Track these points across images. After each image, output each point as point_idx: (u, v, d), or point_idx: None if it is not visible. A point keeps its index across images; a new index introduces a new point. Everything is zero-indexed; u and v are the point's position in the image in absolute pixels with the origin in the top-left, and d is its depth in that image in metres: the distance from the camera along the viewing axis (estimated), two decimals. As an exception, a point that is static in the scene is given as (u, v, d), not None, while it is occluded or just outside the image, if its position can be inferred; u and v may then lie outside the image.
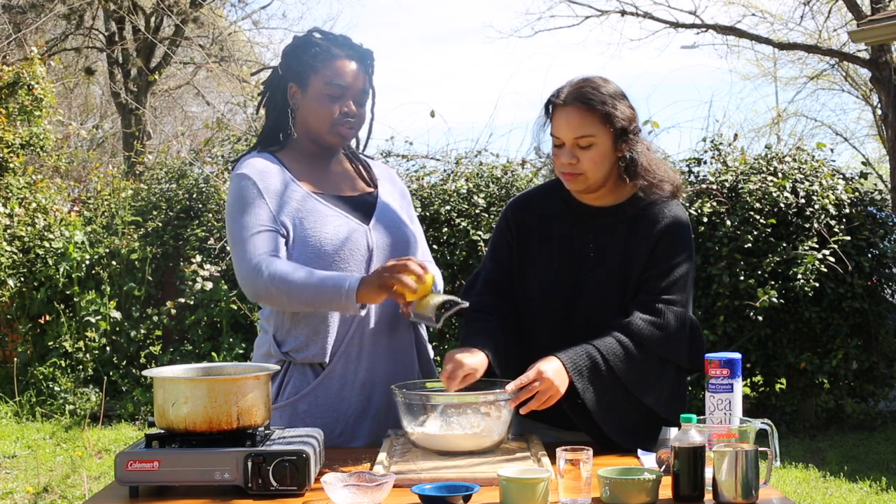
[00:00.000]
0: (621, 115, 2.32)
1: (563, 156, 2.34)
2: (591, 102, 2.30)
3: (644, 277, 2.35)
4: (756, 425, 2.00)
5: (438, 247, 7.04)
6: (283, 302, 2.32)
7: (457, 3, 42.94)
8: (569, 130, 2.32)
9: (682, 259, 2.36)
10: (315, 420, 2.39)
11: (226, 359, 7.22)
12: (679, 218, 2.40)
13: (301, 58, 2.46)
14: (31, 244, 8.22)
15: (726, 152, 7.30)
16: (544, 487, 1.81)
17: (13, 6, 14.34)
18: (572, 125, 2.31)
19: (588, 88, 2.33)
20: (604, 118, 2.30)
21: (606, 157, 2.33)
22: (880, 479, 5.51)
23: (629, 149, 2.34)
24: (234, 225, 2.38)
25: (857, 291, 6.68)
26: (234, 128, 9.38)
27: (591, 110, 2.30)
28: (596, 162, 2.32)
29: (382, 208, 2.52)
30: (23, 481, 5.72)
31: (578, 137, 2.31)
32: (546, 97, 2.39)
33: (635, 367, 2.28)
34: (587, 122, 2.31)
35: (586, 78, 2.37)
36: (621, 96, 2.35)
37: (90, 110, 19.99)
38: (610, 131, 2.31)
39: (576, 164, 2.32)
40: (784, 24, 16.56)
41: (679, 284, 2.35)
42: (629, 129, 2.33)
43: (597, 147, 2.31)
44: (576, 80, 2.36)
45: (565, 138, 2.33)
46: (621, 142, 2.33)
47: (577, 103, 2.31)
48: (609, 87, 2.34)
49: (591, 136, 2.31)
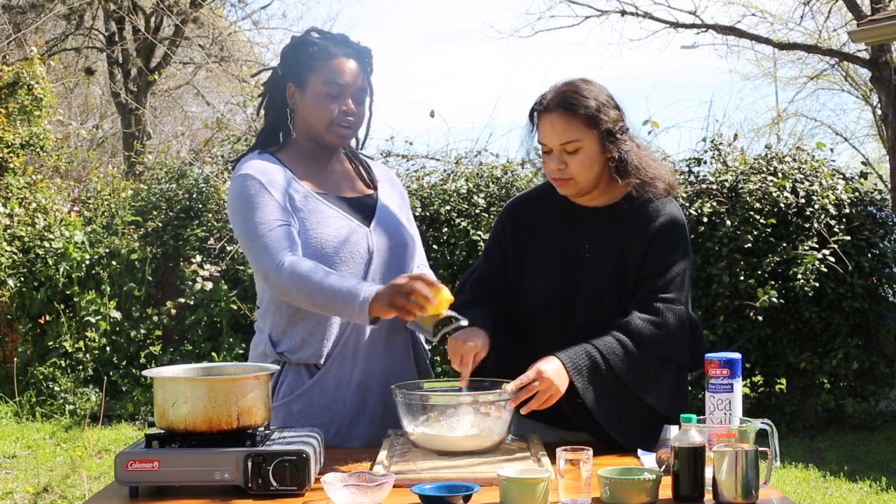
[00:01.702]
0: (606, 116, 2.32)
1: (552, 162, 2.34)
2: (574, 107, 2.30)
3: (640, 276, 2.35)
4: (756, 425, 2.00)
5: (438, 247, 7.04)
6: (303, 302, 2.31)
7: (457, 3, 42.96)
8: (555, 137, 2.32)
9: (678, 256, 2.36)
10: (310, 420, 2.38)
11: (226, 359, 7.22)
12: (673, 215, 2.39)
13: (299, 57, 2.46)
14: (31, 244, 8.22)
15: (726, 152, 7.31)
16: (544, 487, 1.81)
17: (13, 6, 14.33)
18: (557, 131, 2.31)
19: (570, 93, 2.32)
20: (588, 121, 2.30)
21: (595, 160, 2.33)
22: (880, 479, 5.51)
23: (617, 149, 2.34)
24: (247, 224, 2.35)
25: (857, 291, 6.68)
26: (233, 128, 9.38)
27: (574, 115, 2.30)
28: (584, 166, 2.32)
29: (382, 210, 2.51)
30: (23, 481, 5.72)
31: (565, 143, 2.31)
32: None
33: (635, 365, 2.28)
34: (572, 127, 2.30)
35: (568, 82, 2.36)
36: (606, 97, 2.35)
37: (90, 110, 19.99)
38: (596, 134, 2.31)
39: (564, 169, 2.33)
40: (784, 24, 16.57)
41: (676, 282, 2.35)
42: (615, 130, 2.33)
43: (584, 151, 2.31)
44: (559, 86, 2.36)
45: (552, 145, 2.33)
46: (608, 143, 2.33)
47: (560, 109, 2.31)
48: (592, 90, 2.34)
49: (576, 141, 2.31)
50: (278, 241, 2.32)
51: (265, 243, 2.32)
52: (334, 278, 2.26)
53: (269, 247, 2.32)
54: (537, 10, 31.85)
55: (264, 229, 2.33)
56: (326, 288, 2.24)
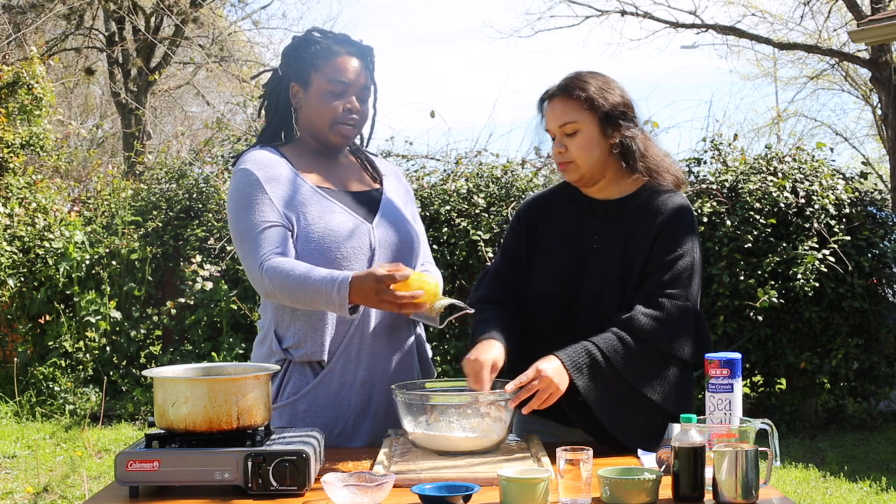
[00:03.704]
0: (604, 100, 2.35)
1: (554, 146, 2.40)
2: (570, 90, 2.37)
3: (646, 271, 2.34)
4: (756, 425, 2.00)
5: (438, 247, 7.04)
6: (286, 300, 2.32)
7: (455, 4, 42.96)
8: (553, 120, 2.39)
9: (685, 251, 2.34)
10: (315, 419, 2.38)
11: (226, 359, 7.22)
12: (681, 209, 2.38)
13: (302, 56, 2.46)
14: (31, 244, 8.22)
15: (726, 152, 7.31)
16: (544, 487, 1.81)
17: (13, 6, 14.33)
18: (556, 114, 2.38)
19: (571, 79, 2.40)
20: (586, 103, 2.35)
21: (594, 143, 2.36)
22: (880, 479, 5.51)
23: (620, 135, 2.36)
24: (239, 222, 2.37)
25: (857, 291, 6.68)
26: (233, 128, 9.38)
27: (571, 97, 2.36)
28: (583, 147, 2.35)
29: (387, 205, 2.51)
30: (23, 481, 5.72)
31: (563, 125, 2.37)
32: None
33: (636, 361, 2.26)
34: (569, 108, 2.36)
35: (575, 72, 2.43)
36: (608, 83, 2.39)
37: (90, 110, 19.99)
38: (594, 116, 2.35)
39: (564, 152, 2.37)
40: (784, 24, 16.58)
41: (683, 278, 2.33)
42: (615, 114, 2.36)
43: (582, 133, 2.35)
44: (565, 76, 2.42)
45: (552, 128, 2.40)
46: (609, 127, 2.36)
47: (559, 93, 2.38)
48: (595, 77, 2.40)
49: (574, 123, 2.35)
50: (265, 243, 2.32)
51: (251, 246, 2.33)
52: (317, 273, 2.26)
53: (255, 249, 2.32)
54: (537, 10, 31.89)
55: (254, 231, 2.33)
56: (308, 283, 2.25)
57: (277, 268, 2.28)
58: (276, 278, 2.28)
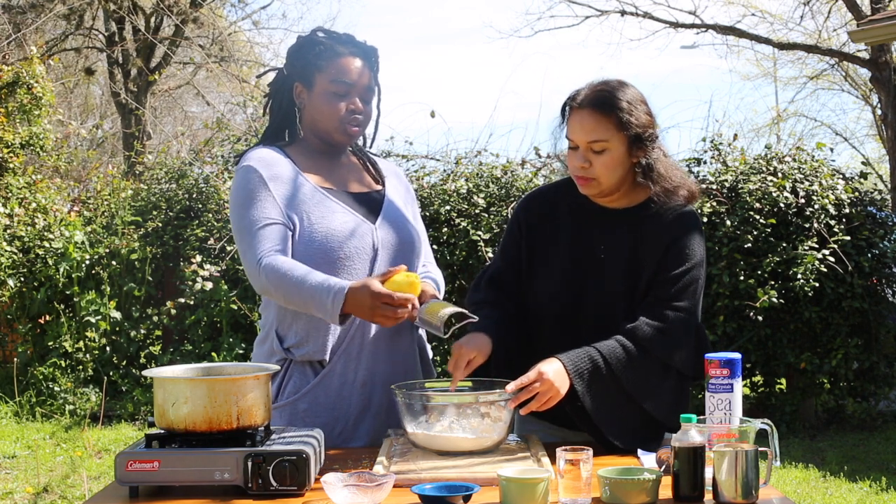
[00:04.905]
0: (637, 121, 2.29)
1: (577, 159, 2.32)
2: (606, 107, 2.29)
3: (653, 282, 2.33)
4: (756, 425, 2.00)
5: (438, 247, 7.03)
6: (280, 299, 2.33)
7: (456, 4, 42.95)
8: (583, 134, 2.30)
9: (693, 265, 2.34)
10: (315, 419, 2.38)
11: (226, 359, 7.22)
12: (691, 224, 2.38)
13: (305, 57, 2.46)
14: (31, 244, 8.21)
15: (726, 152, 7.30)
16: (544, 487, 1.81)
17: (13, 6, 14.33)
18: (586, 129, 2.30)
19: (605, 92, 2.31)
20: (619, 124, 2.28)
21: (620, 163, 2.31)
22: (880, 479, 5.51)
23: (644, 155, 2.32)
24: (241, 219, 2.37)
25: (857, 291, 6.68)
26: (233, 128, 9.37)
27: (606, 115, 2.28)
28: (609, 167, 2.30)
29: (389, 206, 2.51)
30: (23, 481, 5.72)
31: (592, 142, 2.30)
32: (547, 97, 2.43)
33: (637, 371, 2.27)
34: (601, 126, 2.29)
35: (605, 81, 2.35)
36: (639, 102, 2.33)
37: (90, 110, 19.98)
38: (625, 137, 2.29)
39: (588, 168, 2.31)
40: (784, 24, 16.58)
41: (689, 292, 2.33)
42: (645, 136, 2.31)
43: (610, 153, 2.30)
44: (595, 83, 2.35)
45: (579, 141, 2.32)
46: (636, 148, 2.31)
47: (592, 107, 2.30)
48: (627, 93, 2.32)
49: (604, 141, 2.29)
50: (265, 239, 2.32)
51: (251, 241, 2.33)
52: (313, 278, 2.26)
53: (255, 245, 2.32)
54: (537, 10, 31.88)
55: (255, 226, 2.34)
56: (304, 289, 2.25)
57: (276, 266, 2.28)
58: (273, 276, 2.28)
